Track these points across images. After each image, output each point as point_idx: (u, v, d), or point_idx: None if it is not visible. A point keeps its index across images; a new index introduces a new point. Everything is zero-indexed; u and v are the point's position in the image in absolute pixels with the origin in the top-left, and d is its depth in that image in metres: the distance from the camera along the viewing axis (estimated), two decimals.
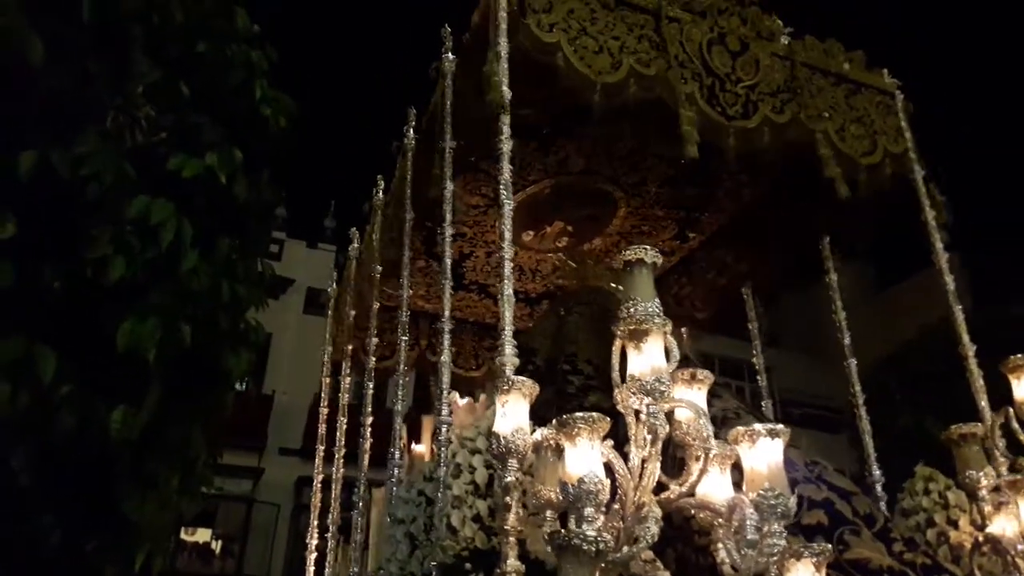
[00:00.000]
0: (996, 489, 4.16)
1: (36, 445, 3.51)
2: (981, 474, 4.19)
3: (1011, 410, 4.42)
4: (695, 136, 4.67)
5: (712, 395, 4.77)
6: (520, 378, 3.47)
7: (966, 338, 5.18)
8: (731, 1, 5.30)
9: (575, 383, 5.35)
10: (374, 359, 6.71)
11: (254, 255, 4.57)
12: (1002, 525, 4.09)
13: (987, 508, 4.13)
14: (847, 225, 6.20)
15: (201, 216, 3.88)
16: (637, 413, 3.22)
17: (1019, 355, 4.48)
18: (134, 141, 3.87)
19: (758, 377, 7.24)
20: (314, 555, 7.52)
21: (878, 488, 5.33)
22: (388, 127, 7.14)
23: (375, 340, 6.77)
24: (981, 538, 4.15)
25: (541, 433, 3.38)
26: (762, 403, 7.10)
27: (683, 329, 7.69)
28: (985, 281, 22.50)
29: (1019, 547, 3.95)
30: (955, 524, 4.59)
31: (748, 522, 2.92)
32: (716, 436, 4.17)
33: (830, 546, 3.02)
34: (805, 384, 24.10)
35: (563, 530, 2.99)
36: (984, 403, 4.84)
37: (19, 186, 3.46)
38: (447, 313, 4.96)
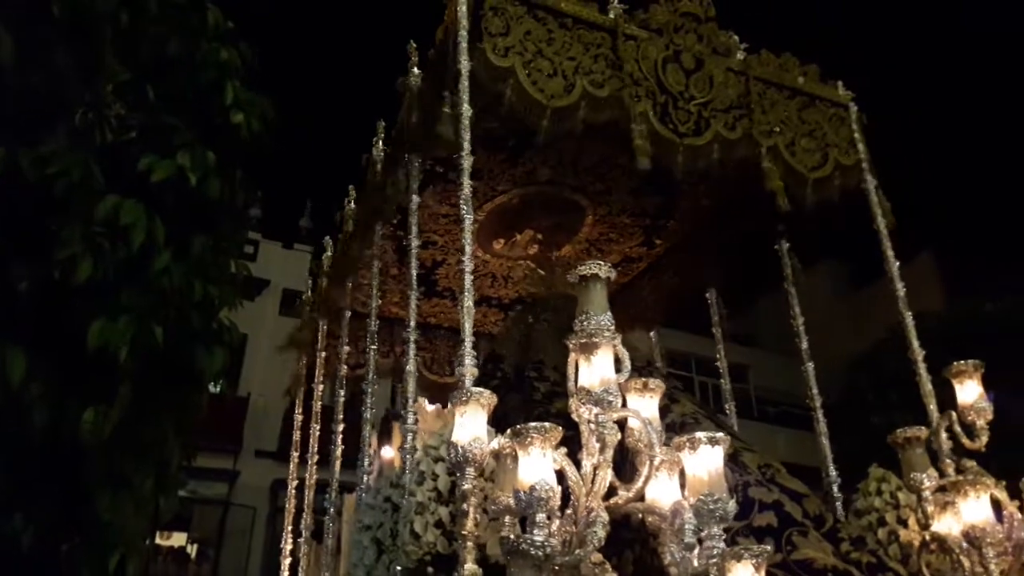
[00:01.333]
0: (942, 489, 4.32)
1: (8, 445, 3.51)
2: (924, 475, 4.36)
3: (954, 414, 4.60)
4: (647, 149, 4.81)
5: (671, 400, 4.93)
6: (478, 389, 3.58)
7: (915, 343, 5.32)
8: (688, 18, 5.40)
9: (541, 390, 5.47)
10: (346, 367, 6.83)
11: (227, 255, 4.57)
12: (948, 524, 4.25)
13: (930, 508, 4.28)
14: (803, 232, 6.35)
15: (173, 215, 3.88)
16: (589, 422, 3.36)
17: (962, 361, 4.64)
18: (103, 140, 3.86)
19: (721, 381, 7.38)
20: (288, 560, 7.60)
21: (835, 489, 5.47)
22: (364, 128, 7.22)
23: (347, 348, 6.88)
24: (928, 537, 4.31)
25: (498, 441, 3.49)
26: (725, 405, 7.21)
27: (651, 333, 7.86)
28: (958, 278, 22.80)
29: (963, 545, 4.10)
30: (905, 523, 4.74)
31: (687, 526, 3.04)
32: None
33: (769, 548, 3.14)
34: (782, 382, 24.33)
35: (513, 536, 3.12)
36: (933, 406, 4.98)
37: None
38: (412, 323, 5.08)
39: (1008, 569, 3.99)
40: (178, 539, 19.55)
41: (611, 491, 3.43)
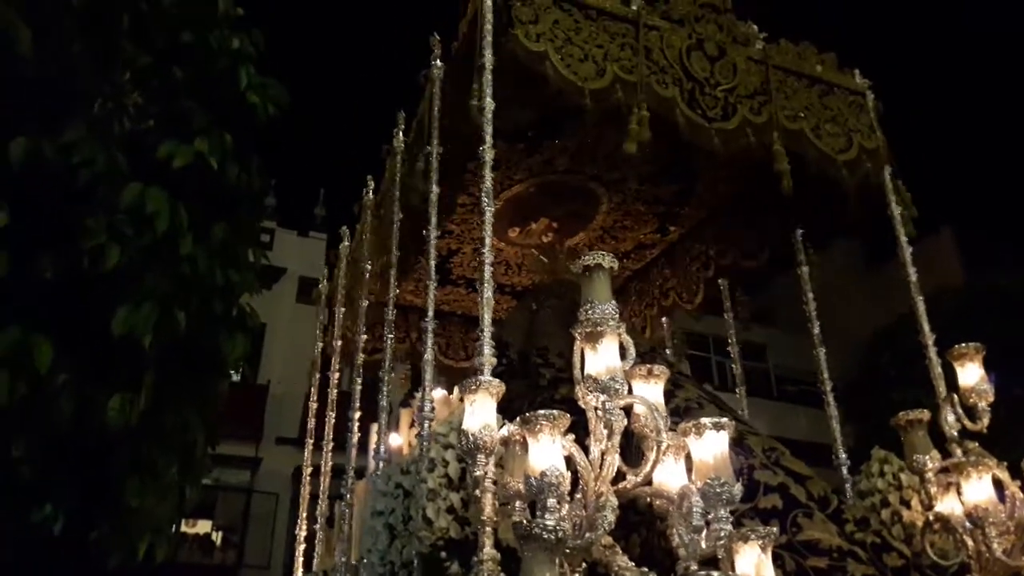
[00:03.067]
0: (944, 471, 4.40)
1: (36, 434, 3.56)
2: (927, 457, 4.44)
3: (956, 396, 4.67)
4: (644, 135, 4.84)
5: (675, 386, 5.02)
6: (487, 378, 3.67)
7: (926, 327, 5.34)
8: (707, 8, 5.47)
9: (546, 376, 5.57)
10: (363, 355, 6.93)
11: (246, 242, 4.59)
12: (951, 504, 4.33)
13: (933, 489, 4.37)
14: (817, 218, 6.41)
15: (193, 202, 3.92)
16: (596, 409, 3.45)
17: (964, 344, 4.70)
18: (122, 129, 3.91)
19: (733, 364, 7.44)
20: (303, 546, 7.75)
21: (844, 471, 5.51)
22: (376, 116, 7.30)
23: (364, 336, 6.98)
24: (931, 517, 4.39)
25: (508, 429, 3.58)
26: (736, 389, 7.28)
27: (664, 319, 7.94)
28: (977, 253, 22.70)
29: (966, 525, 4.18)
30: (908, 504, 4.80)
31: (695, 509, 3.14)
32: (678, 426, 4.42)
33: (775, 530, 3.23)
34: (801, 361, 24.23)
35: (525, 520, 3.22)
36: (942, 388, 5.02)
37: (11, 175, 3.51)
38: (431, 313, 5.16)
39: (1011, 547, 4.06)
40: (203, 526, 19.75)
41: (618, 475, 3.53)
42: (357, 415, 6.77)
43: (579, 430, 3.53)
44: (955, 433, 4.72)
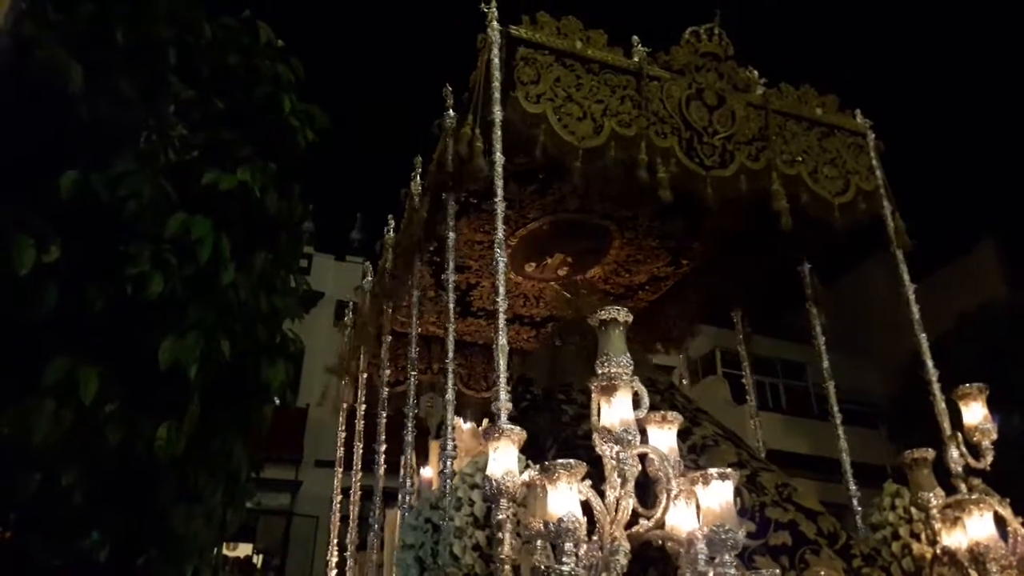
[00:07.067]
0: (949, 506, 4.57)
1: (85, 463, 3.66)
2: (931, 495, 4.62)
3: (960, 435, 4.85)
4: (667, 183, 5.06)
5: (693, 423, 5.24)
6: (509, 425, 3.91)
7: (930, 363, 5.52)
8: (708, 57, 5.64)
9: (570, 412, 5.75)
10: (387, 390, 7.21)
11: (287, 269, 4.70)
12: (958, 539, 4.50)
13: (938, 526, 4.55)
14: (823, 252, 6.55)
15: (236, 230, 4.06)
16: (611, 458, 3.70)
17: (968, 384, 4.87)
18: (168, 160, 4.04)
19: (747, 396, 7.63)
20: (334, 572, 7.99)
21: (855, 502, 5.64)
22: (411, 141, 7.46)
23: (387, 371, 7.23)
24: (939, 551, 4.56)
25: (529, 475, 3.83)
26: (752, 421, 7.42)
27: (680, 355, 8.13)
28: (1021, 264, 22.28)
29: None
30: (918, 537, 4.94)
31: (699, 556, 3.36)
32: (696, 463, 4.64)
33: (778, 571, 3.44)
34: (842, 379, 23.93)
35: (543, 565, 3.46)
36: (946, 424, 5.18)
37: (61, 208, 3.62)
38: (451, 354, 5.39)
39: None
40: (244, 549, 19.86)
41: (635, 515, 3.76)
42: (383, 447, 7.04)
43: (599, 466, 3.77)
44: (960, 470, 4.89)
